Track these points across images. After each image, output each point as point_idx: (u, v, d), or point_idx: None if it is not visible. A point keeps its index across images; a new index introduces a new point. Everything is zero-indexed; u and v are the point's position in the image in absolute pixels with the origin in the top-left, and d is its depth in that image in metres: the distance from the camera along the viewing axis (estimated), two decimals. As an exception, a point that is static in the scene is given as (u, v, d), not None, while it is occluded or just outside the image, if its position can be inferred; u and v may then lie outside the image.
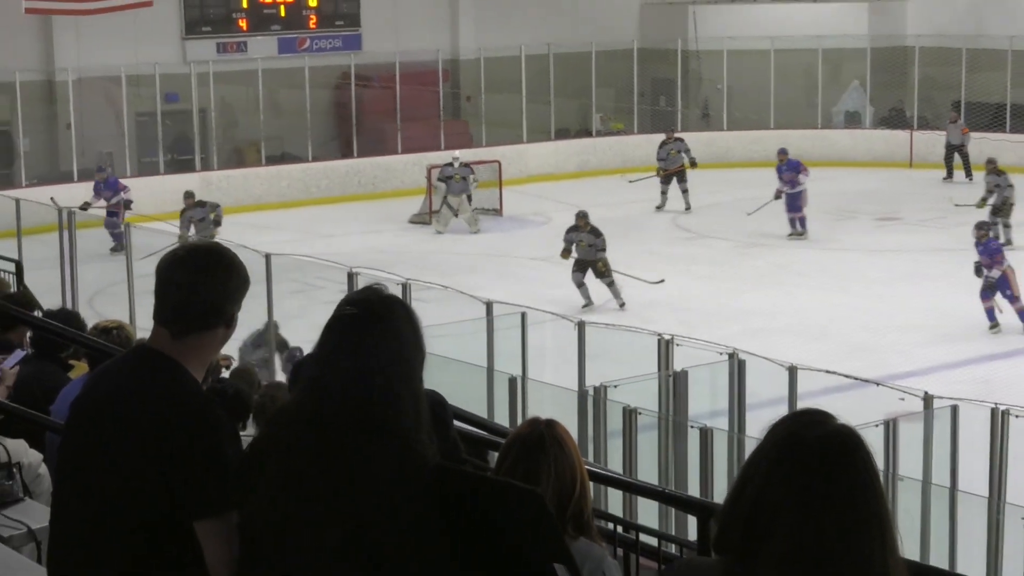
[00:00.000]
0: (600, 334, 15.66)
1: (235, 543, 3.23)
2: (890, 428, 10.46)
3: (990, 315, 18.88)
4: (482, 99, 33.55)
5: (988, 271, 19.07)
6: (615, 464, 10.86)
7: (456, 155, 27.93)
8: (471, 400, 10.95)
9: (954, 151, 31.62)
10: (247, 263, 3.55)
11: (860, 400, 12.39)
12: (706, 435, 10.75)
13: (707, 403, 12.34)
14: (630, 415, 10.87)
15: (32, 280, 13.51)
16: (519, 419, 12.03)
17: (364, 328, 3.10)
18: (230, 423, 3.44)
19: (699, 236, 25.28)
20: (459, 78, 34.40)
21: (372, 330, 3.10)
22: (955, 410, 10.92)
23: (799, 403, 11.44)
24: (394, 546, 2.97)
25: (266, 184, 30.26)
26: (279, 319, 15.07)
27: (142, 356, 3.53)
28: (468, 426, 6.01)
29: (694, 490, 10.52)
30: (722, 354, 12.04)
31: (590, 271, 20.47)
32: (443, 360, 11.61)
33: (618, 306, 20.12)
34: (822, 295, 20.68)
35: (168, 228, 18.74)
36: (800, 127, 34.31)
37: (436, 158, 29.30)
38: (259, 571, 3.13)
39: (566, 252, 20.82)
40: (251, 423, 7.36)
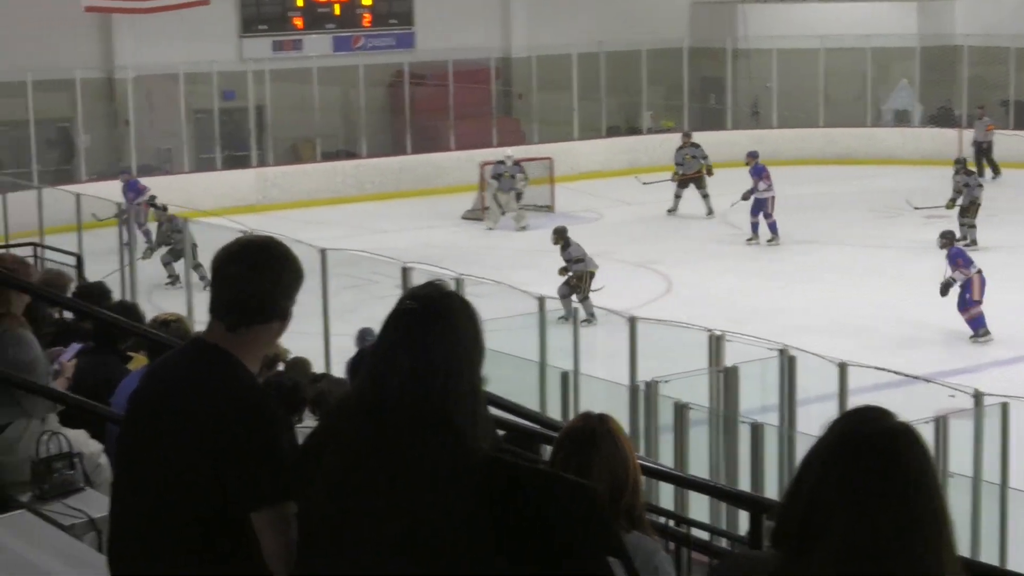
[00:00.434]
0: (651, 330, 15.70)
1: (292, 535, 3.25)
2: (940, 425, 10.38)
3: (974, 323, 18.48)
4: (534, 97, 33.57)
5: (954, 281, 18.73)
6: (666, 459, 10.83)
7: (508, 153, 27.98)
8: (523, 394, 11.01)
9: (982, 148, 31.32)
10: (302, 258, 3.56)
11: (910, 397, 12.37)
12: (757, 431, 10.74)
13: (757, 399, 12.31)
14: (681, 410, 10.85)
15: (91, 274, 13.70)
16: (571, 413, 12.10)
17: (424, 323, 3.09)
18: (285, 415, 3.46)
19: (747, 233, 25.24)
20: (511, 76, 34.45)
21: (432, 325, 3.08)
22: (1005, 407, 10.86)
23: (849, 399, 11.42)
24: (448, 540, 2.98)
25: (320, 180, 30.40)
26: (333, 314, 15.19)
27: (198, 349, 3.55)
28: (521, 419, 6.06)
29: (745, 485, 10.46)
30: (772, 350, 12.05)
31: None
32: (495, 354, 11.66)
33: (586, 319, 18.50)
34: (870, 292, 20.61)
35: (225, 223, 18.89)
36: (849, 125, 34.15)
37: (488, 155, 29.31)
38: (316, 563, 3.14)
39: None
40: (308, 415, 7.45)
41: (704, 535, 5.54)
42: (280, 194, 29.45)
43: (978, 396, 10.98)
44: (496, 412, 4.83)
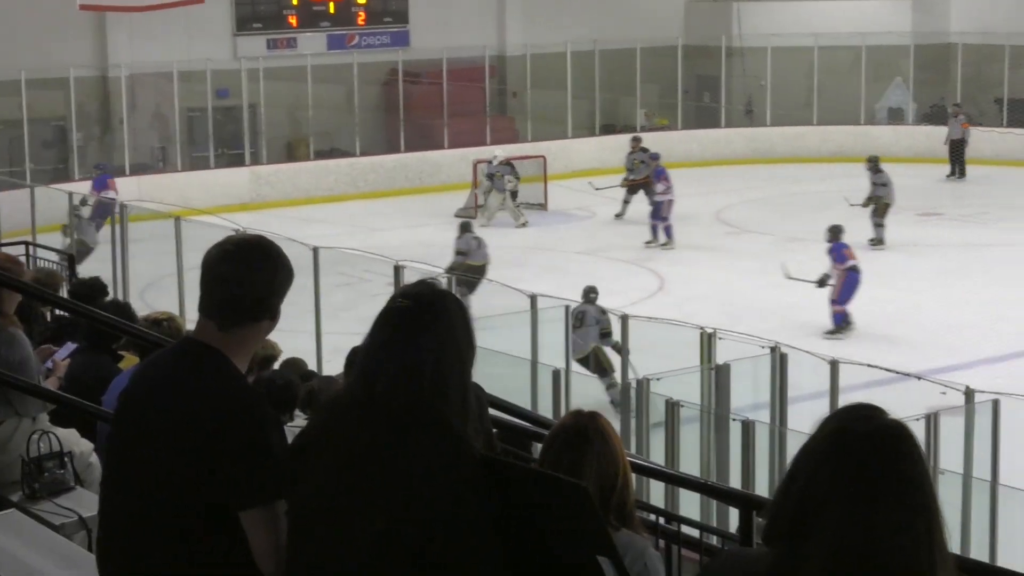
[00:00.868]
0: (643, 327, 15.73)
1: (282, 533, 3.24)
2: (931, 422, 10.37)
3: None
4: (528, 95, 33.59)
5: (828, 277, 18.93)
6: (657, 456, 10.84)
7: (497, 153, 28.05)
8: (515, 392, 11.03)
9: (957, 146, 31.31)
10: (295, 256, 3.56)
11: (901, 394, 12.38)
12: (748, 428, 10.74)
13: (749, 396, 12.32)
14: (672, 408, 10.83)
15: (84, 272, 13.67)
16: (563, 411, 12.11)
17: (416, 321, 3.09)
18: (275, 414, 3.45)
19: (742, 231, 25.27)
20: (505, 74, 34.47)
21: (424, 323, 3.09)
22: (996, 404, 10.87)
23: (840, 397, 11.44)
24: (439, 536, 2.97)
25: (314, 178, 30.40)
26: (325, 312, 15.18)
27: (188, 348, 3.54)
28: (512, 417, 6.06)
29: (736, 483, 10.47)
30: (764, 348, 12.06)
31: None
32: (488, 352, 11.67)
33: None
34: (863, 289, 20.61)
35: (219, 222, 18.89)
36: (843, 123, 34.16)
37: (482, 153, 29.33)
38: (306, 561, 3.14)
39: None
40: (299, 414, 7.43)
41: (695, 533, 5.53)
42: (274, 192, 29.45)
43: (969, 393, 11.00)
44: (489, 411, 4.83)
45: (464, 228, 20.84)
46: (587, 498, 3.03)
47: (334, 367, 12.74)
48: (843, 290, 18.85)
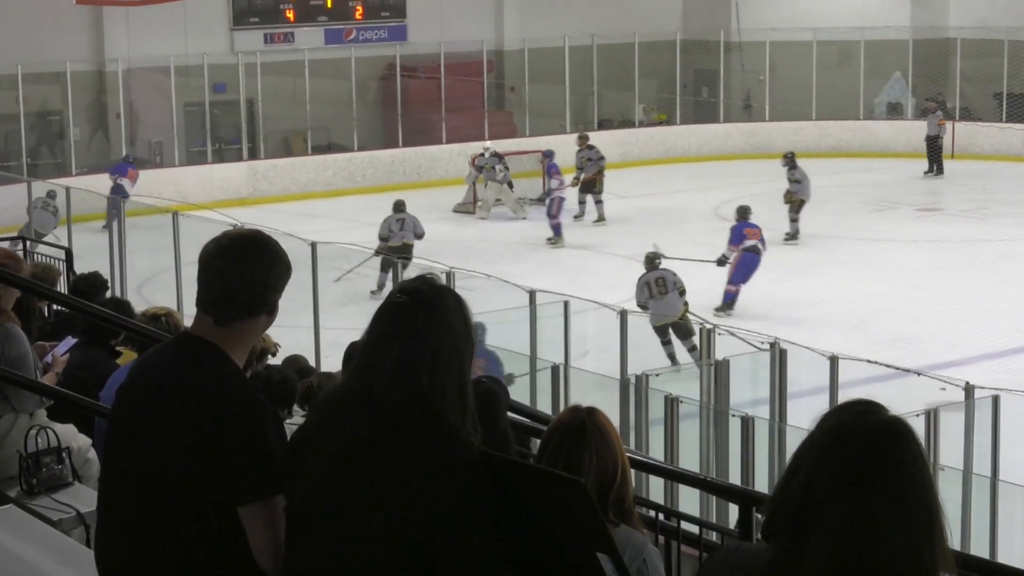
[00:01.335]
0: (642, 323, 15.73)
1: (280, 528, 3.24)
2: (931, 418, 10.37)
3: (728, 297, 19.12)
4: (526, 89, 33.58)
5: (726, 258, 19.41)
6: (656, 452, 10.82)
7: (487, 145, 28.04)
8: (514, 388, 11.03)
9: (932, 142, 31.25)
10: (293, 251, 3.54)
11: (901, 390, 12.37)
12: (747, 424, 10.71)
13: (748, 392, 12.33)
14: (672, 403, 10.82)
15: (81, 268, 13.63)
16: (561, 407, 12.10)
17: (415, 317, 3.09)
18: (273, 408, 3.43)
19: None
20: (503, 69, 34.46)
21: (422, 319, 3.08)
22: (996, 400, 10.86)
23: (840, 392, 11.42)
24: (438, 533, 2.96)
25: (312, 173, 30.40)
26: (323, 307, 15.17)
27: (185, 343, 3.52)
28: (511, 413, 6.06)
29: (735, 478, 10.45)
30: (764, 343, 12.05)
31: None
32: (487, 348, 11.69)
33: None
34: (863, 285, 20.63)
35: (216, 216, 18.86)
36: (842, 118, 34.20)
37: (480, 148, 29.39)
38: (304, 556, 3.13)
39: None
40: (297, 410, 7.40)
41: (694, 529, 5.52)
42: (271, 187, 29.43)
43: (969, 389, 11.00)
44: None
45: (396, 207, 21.41)
46: (585, 494, 3.02)
47: (332, 362, 12.72)
48: (736, 270, 19.35)
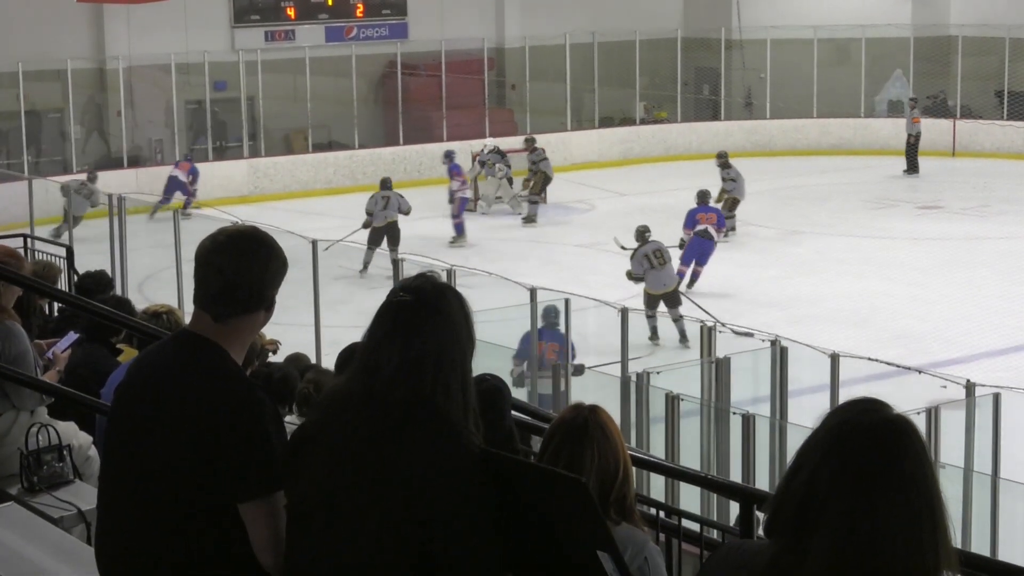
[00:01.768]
0: (643, 320, 15.74)
1: (281, 525, 3.23)
2: (932, 416, 10.37)
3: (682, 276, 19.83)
4: (527, 87, 33.59)
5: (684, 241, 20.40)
6: (657, 450, 10.82)
7: (486, 142, 28.03)
8: (515, 386, 11.02)
9: (908, 141, 31.15)
10: (294, 249, 3.59)
11: (902, 387, 12.37)
12: (748, 421, 10.71)
13: (749, 390, 12.34)
14: (673, 401, 10.82)
15: (82, 266, 13.64)
16: (562, 404, 12.11)
17: (417, 315, 3.09)
18: (273, 405, 3.42)
19: (742, 223, 25.23)
20: (504, 66, 34.46)
21: (425, 318, 3.09)
22: (997, 398, 10.86)
23: (841, 390, 11.42)
24: (439, 531, 2.96)
25: (313, 171, 30.41)
26: (324, 305, 15.17)
27: (184, 340, 3.52)
28: (513, 411, 6.06)
29: (736, 476, 10.46)
30: (764, 341, 12.05)
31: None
32: (488, 346, 11.67)
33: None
34: (864, 283, 20.63)
35: (217, 214, 18.86)
36: (843, 116, 34.21)
37: (481, 146, 29.39)
38: (305, 554, 3.13)
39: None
40: (294, 410, 7.37)
41: (695, 527, 5.52)
42: (272, 185, 29.43)
43: (970, 387, 11.00)
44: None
45: (383, 184, 22.30)
46: (586, 493, 3.02)
47: (333, 360, 12.73)
48: (685, 252, 20.31)
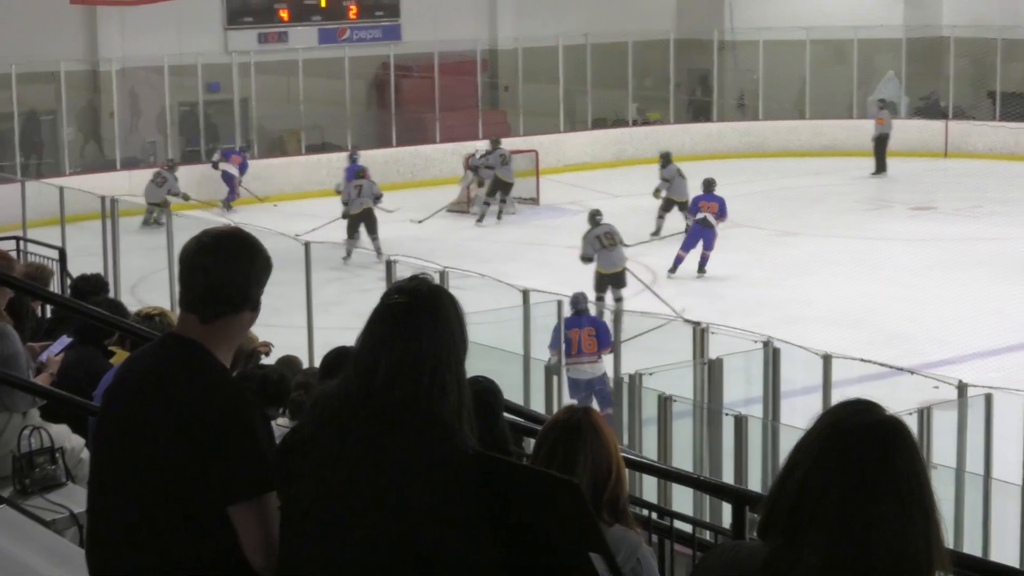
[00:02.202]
0: (636, 322, 15.74)
1: (273, 527, 3.23)
2: (924, 416, 10.38)
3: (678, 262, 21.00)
4: (520, 89, 33.58)
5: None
6: (650, 451, 10.84)
7: (478, 147, 28.13)
8: (508, 388, 10.99)
9: (876, 142, 31.09)
10: (285, 251, 3.61)
11: (894, 388, 12.37)
12: (741, 423, 10.73)
13: (742, 391, 12.34)
14: (665, 402, 10.84)
15: (75, 268, 13.64)
16: (555, 406, 12.11)
17: (412, 317, 3.10)
18: (260, 407, 3.44)
19: (734, 225, 25.22)
20: (497, 68, 34.47)
21: (419, 319, 3.09)
22: (989, 398, 10.86)
23: (833, 391, 11.42)
24: (434, 533, 2.97)
25: (306, 173, 30.38)
26: (317, 307, 15.17)
27: (170, 343, 3.53)
28: (506, 413, 6.06)
29: (728, 477, 10.47)
30: (757, 342, 12.05)
31: None
32: (480, 348, 11.65)
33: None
34: (856, 284, 20.64)
35: (210, 216, 18.87)
36: (835, 117, 34.23)
37: (474, 147, 29.41)
38: (299, 556, 3.12)
39: None
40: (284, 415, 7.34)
41: (688, 528, 5.52)
42: (265, 186, 29.39)
43: (962, 387, 10.99)
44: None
45: (357, 174, 23.25)
46: (579, 495, 3.02)
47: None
48: (686, 239, 20.95)
